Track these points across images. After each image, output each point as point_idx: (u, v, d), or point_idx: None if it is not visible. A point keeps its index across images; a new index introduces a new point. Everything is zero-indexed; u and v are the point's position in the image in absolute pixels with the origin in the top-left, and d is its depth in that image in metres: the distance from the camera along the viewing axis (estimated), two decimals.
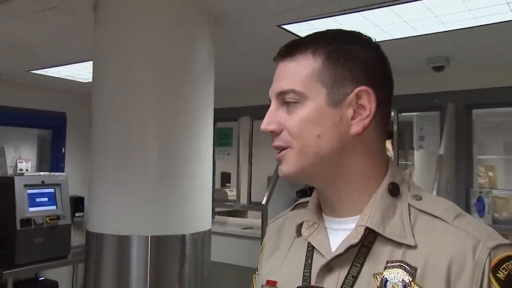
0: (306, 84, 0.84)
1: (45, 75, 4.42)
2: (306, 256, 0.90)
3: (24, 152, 7.03)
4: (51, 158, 5.50)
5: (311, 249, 0.90)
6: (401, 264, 0.79)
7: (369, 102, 0.84)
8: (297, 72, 0.85)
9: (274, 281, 0.94)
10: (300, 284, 0.87)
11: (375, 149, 0.89)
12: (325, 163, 0.85)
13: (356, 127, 0.84)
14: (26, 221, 4.21)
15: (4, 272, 4.03)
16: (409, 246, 0.80)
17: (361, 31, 0.92)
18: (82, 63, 3.86)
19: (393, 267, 0.79)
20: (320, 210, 0.94)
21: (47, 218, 4.34)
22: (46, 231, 4.27)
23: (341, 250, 0.82)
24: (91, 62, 2.67)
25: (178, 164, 2.41)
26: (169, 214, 2.40)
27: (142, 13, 2.42)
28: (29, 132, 6.12)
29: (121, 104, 2.39)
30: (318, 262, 0.86)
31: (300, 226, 0.94)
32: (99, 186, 2.47)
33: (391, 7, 2.44)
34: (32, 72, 4.35)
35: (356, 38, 0.89)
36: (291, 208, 1.06)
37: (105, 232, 2.39)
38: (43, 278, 4.81)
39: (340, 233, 0.86)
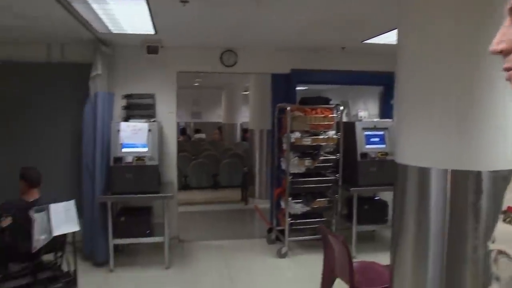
0: None
1: (374, 43, 4.69)
2: None
3: (370, 105, 7.67)
4: (383, 108, 5.81)
5: None
6: None
7: None
8: None
9: None
10: None
11: None
12: None
13: None
14: (364, 155, 4.70)
15: (351, 189, 4.67)
16: None
17: None
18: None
19: None
20: None
21: (378, 154, 4.71)
22: (378, 163, 4.67)
23: None
24: None
25: (476, 104, 2.27)
26: (467, 150, 2.29)
27: None
28: (373, 90, 6.64)
29: (423, 55, 2.41)
30: None
31: None
32: (404, 122, 2.55)
33: None
34: (364, 42, 4.69)
35: None
36: None
37: (408, 163, 2.46)
38: (378, 198, 5.26)
39: None
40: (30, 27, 4.13)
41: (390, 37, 4.35)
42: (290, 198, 4.81)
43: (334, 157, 4.90)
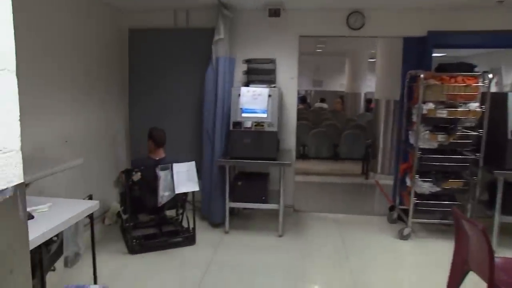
0: None
1: None
2: None
3: None
4: None
5: None
6: None
7: None
8: None
9: None
10: None
11: None
12: None
13: None
14: None
15: (494, 171, 4.04)
16: None
17: None
18: None
19: None
20: None
21: None
22: None
23: None
24: None
25: None
26: None
27: None
28: None
29: None
30: None
31: None
32: None
33: None
34: None
35: None
36: None
37: None
38: None
39: None
40: None
41: None
42: (417, 176, 4.33)
43: (475, 133, 4.22)
